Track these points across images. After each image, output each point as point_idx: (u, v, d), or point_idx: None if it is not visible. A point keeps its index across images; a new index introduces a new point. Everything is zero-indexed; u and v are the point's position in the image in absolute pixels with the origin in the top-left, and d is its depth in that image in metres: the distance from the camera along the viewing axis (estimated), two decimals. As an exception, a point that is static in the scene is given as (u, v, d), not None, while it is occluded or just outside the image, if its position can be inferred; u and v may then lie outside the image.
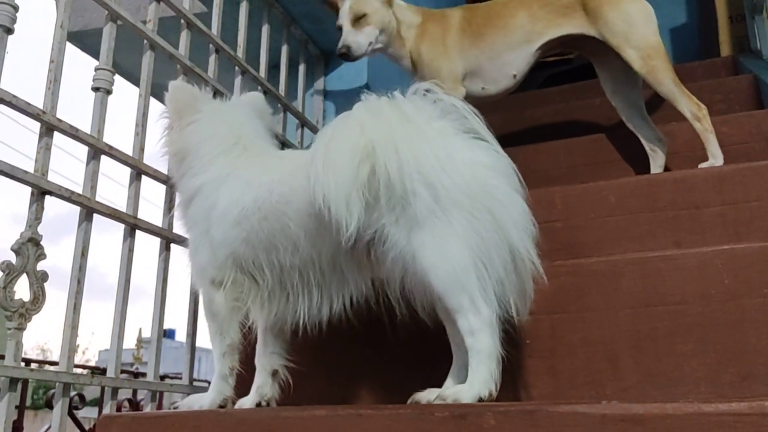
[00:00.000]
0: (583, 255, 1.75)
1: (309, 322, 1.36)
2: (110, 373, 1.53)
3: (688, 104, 2.02)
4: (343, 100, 2.56)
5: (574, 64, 4.45)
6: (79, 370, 1.79)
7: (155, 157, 1.58)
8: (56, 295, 1.37)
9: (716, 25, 3.47)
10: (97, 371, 3.61)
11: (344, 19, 2.12)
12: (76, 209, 1.49)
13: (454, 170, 1.20)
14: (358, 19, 2.11)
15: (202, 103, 1.53)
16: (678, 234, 1.73)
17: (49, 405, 3.04)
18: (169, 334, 22.77)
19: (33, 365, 3.64)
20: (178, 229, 1.66)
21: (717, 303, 1.34)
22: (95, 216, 1.51)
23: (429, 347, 1.40)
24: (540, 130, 2.81)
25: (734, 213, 1.71)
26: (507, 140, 1.29)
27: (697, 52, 3.17)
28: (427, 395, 1.25)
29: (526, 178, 1.30)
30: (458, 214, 1.19)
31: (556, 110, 2.95)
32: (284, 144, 2.23)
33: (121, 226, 1.61)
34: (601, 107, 2.80)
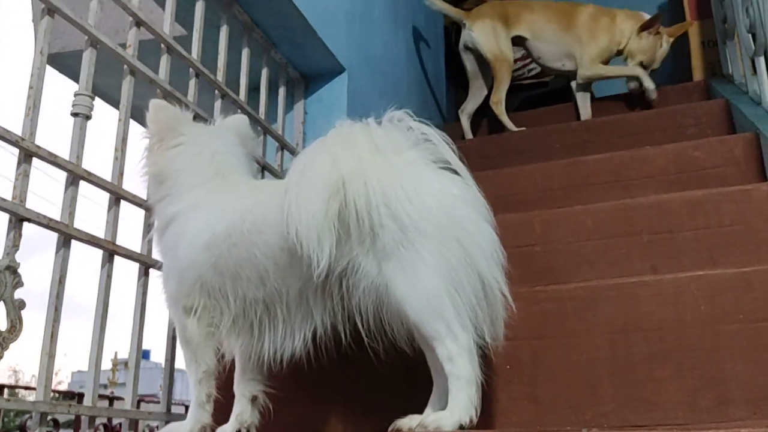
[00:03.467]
0: (561, 279, 1.77)
1: (273, 356, 1.35)
2: (87, 401, 1.51)
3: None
4: (323, 123, 2.56)
5: (549, 86, 4.52)
6: (54, 395, 1.76)
7: (136, 177, 1.57)
8: (27, 315, 1.35)
9: (689, 50, 3.55)
10: (73, 396, 3.55)
11: None
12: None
13: (420, 201, 1.21)
14: None
15: (185, 126, 1.52)
16: (654, 258, 1.75)
17: (23, 430, 2.99)
18: (145, 354, 22.46)
19: (6, 390, 3.57)
20: (157, 254, 1.65)
21: (693, 329, 1.36)
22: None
23: (410, 371, 1.40)
24: (517, 153, 2.84)
25: (708, 238, 1.74)
26: (484, 163, 1.31)
27: (669, 77, 3.25)
28: (409, 422, 1.25)
29: (504, 202, 1.32)
30: (427, 243, 1.20)
31: (533, 133, 2.99)
32: (264, 168, 2.23)
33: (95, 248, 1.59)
34: (577, 130, 2.85)
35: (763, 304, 1.35)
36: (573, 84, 3.39)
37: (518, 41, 3.35)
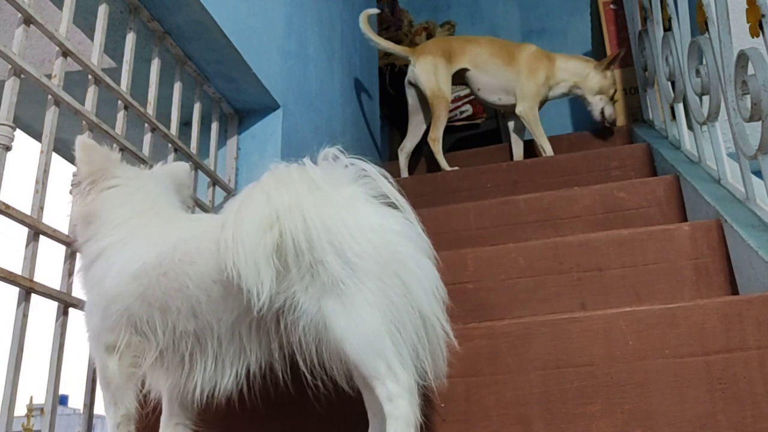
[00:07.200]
0: (494, 316, 1.78)
1: (205, 393, 1.30)
2: (-3, 451, 1.41)
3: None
4: (257, 159, 2.54)
5: (481, 128, 4.64)
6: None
7: (57, 212, 1.51)
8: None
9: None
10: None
11: None
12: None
13: (363, 237, 1.19)
14: None
15: (119, 168, 1.49)
16: (583, 295, 1.79)
17: None
18: (62, 400, 21.37)
19: None
20: (79, 292, 1.58)
21: (622, 364, 1.38)
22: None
23: (346, 413, 1.37)
24: (451, 191, 2.89)
25: (634, 275, 1.79)
26: (419, 201, 1.31)
27: (594, 121, 3.38)
28: (344, 465, 1.22)
29: (438, 240, 1.32)
30: (368, 280, 1.18)
31: (465, 173, 3.04)
32: (195, 203, 2.17)
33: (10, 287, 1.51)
34: (508, 171, 2.92)
35: (687, 339, 1.39)
36: (510, 124, 3.48)
37: (461, 74, 3.42)
